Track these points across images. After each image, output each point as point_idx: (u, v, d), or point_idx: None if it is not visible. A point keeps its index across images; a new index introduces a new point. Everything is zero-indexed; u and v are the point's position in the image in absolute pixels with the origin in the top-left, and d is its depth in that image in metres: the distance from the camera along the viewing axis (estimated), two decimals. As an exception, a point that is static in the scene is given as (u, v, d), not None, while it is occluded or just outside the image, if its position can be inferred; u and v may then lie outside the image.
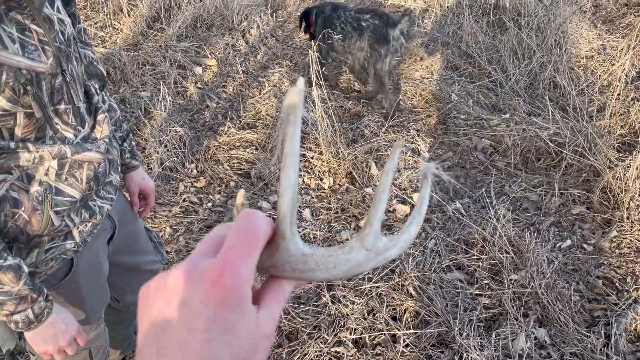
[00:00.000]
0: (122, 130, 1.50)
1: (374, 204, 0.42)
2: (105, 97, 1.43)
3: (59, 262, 1.25)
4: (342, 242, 2.61)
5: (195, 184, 2.98)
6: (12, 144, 1.08)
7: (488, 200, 2.76)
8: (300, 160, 3.09)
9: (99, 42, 4.19)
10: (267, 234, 0.40)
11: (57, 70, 1.11)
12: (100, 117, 1.28)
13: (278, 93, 3.69)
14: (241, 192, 0.45)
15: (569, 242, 2.61)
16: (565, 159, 2.99)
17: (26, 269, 1.11)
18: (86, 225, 1.26)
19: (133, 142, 1.56)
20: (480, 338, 2.13)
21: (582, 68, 3.92)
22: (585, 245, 2.60)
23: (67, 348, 1.22)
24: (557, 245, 2.59)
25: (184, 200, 2.86)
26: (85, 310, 1.39)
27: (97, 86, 1.37)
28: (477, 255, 2.47)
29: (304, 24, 3.80)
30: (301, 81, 0.40)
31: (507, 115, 3.46)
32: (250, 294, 0.37)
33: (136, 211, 1.61)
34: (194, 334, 0.35)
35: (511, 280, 2.35)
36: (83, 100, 1.24)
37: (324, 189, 2.94)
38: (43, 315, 1.15)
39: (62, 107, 1.14)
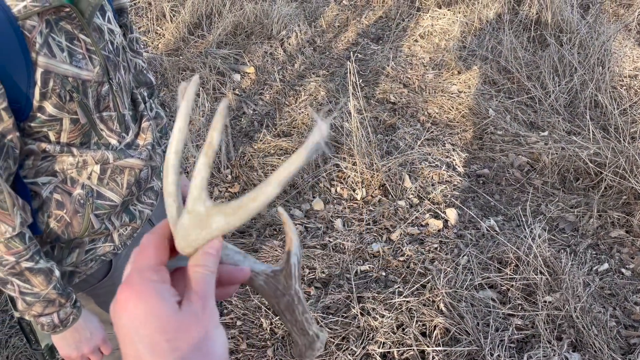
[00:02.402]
0: (168, 137, 1.53)
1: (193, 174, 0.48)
2: (153, 105, 1.46)
3: (99, 263, 1.28)
4: (372, 254, 2.61)
5: (229, 189, 3.02)
6: (58, 148, 1.12)
7: (523, 219, 2.71)
8: (334, 171, 3.10)
9: (142, 46, 4.30)
10: (158, 237, 0.48)
11: (104, 79, 1.14)
12: (144, 124, 1.31)
13: (314, 102, 3.71)
14: (194, 79, 0.49)
15: (606, 265, 2.55)
16: (605, 180, 2.92)
17: (58, 273, 1.14)
18: (126, 229, 1.29)
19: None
20: (512, 359, 2.09)
21: (625, 87, 3.83)
22: (623, 270, 2.53)
23: (90, 355, 1.24)
24: (594, 268, 2.53)
25: (217, 205, 2.90)
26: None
27: (145, 94, 1.41)
28: (510, 275, 2.43)
29: None
30: (196, 78, 0.48)
31: (546, 133, 3.40)
32: (158, 285, 0.45)
33: None
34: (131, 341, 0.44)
35: (545, 302, 2.30)
36: (129, 107, 1.27)
37: (357, 199, 2.94)
38: (68, 320, 1.17)
39: (107, 114, 1.18)
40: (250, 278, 0.54)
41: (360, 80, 3.30)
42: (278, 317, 2.29)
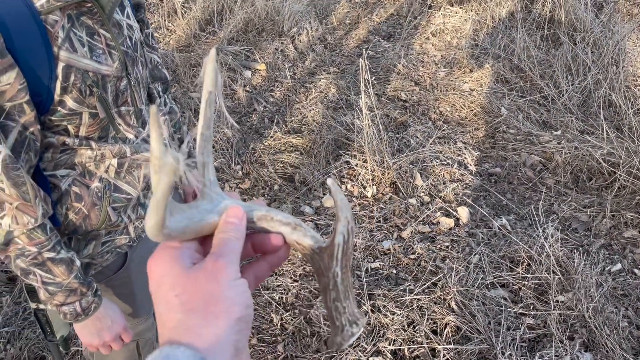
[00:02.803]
0: (182, 132, 1.54)
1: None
2: (167, 100, 1.47)
3: (114, 255, 1.29)
4: (383, 252, 2.60)
5: (240, 185, 3.02)
6: (77, 141, 1.13)
7: (536, 218, 2.69)
8: (344, 168, 3.09)
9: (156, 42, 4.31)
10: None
11: (123, 74, 1.15)
12: (160, 119, 1.32)
13: (324, 99, 3.71)
14: (212, 53, 0.51)
15: (619, 265, 2.52)
16: (619, 180, 2.89)
17: (78, 263, 1.15)
18: (141, 222, 1.30)
19: (191, 144, 1.59)
20: (524, 358, 2.08)
21: (639, 87, 3.79)
22: (636, 270, 2.51)
23: (111, 343, 1.25)
24: (607, 268, 2.51)
25: (228, 201, 2.90)
26: (135, 303, 1.43)
27: (160, 89, 1.42)
28: (522, 274, 2.41)
29: None
30: (213, 52, 0.49)
31: (559, 132, 3.38)
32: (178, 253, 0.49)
33: None
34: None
35: (557, 301, 2.28)
36: (145, 102, 1.28)
37: (367, 197, 2.93)
38: (90, 309, 1.18)
39: (125, 108, 1.19)
40: (298, 249, 0.53)
41: (373, 78, 3.29)
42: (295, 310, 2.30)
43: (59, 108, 1.06)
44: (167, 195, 0.43)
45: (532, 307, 2.29)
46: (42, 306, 1.24)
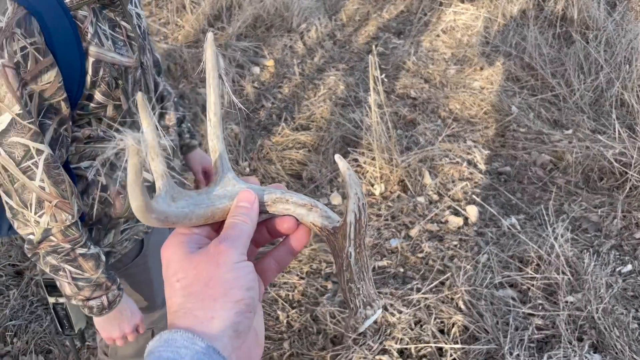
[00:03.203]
0: (179, 112, 1.55)
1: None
2: (162, 82, 1.48)
3: (132, 242, 1.31)
4: (391, 250, 2.58)
5: (247, 182, 3.01)
6: (101, 133, 1.15)
7: (546, 218, 2.66)
8: (352, 165, 3.07)
9: (162, 37, 4.31)
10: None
11: (138, 63, 1.16)
12: (167, 104, 1.35)
13: (333, 96, 3.69)
14: (209, 36, 0.51)
15: (629, 267, 2.49)
16: (631, 180, 2.86)
17: (104, 258, 1.17)
18: None
19: (189, 124, 1.60)
20: (532, 359, 2.06)
21: (652, 86, 3.74)
22: (647, 272, 2.47)
23: (129, 335, 1.27)
24: (617, 269, 2.48)
25: (235, 197, 2.89)
26: (152, 291, 1.43)
27: (154, 72, 1.43)
28: (531, 274, 2.39)
29: None
30: (210, 35, 0.50)
31: (570, 131, 3.34)
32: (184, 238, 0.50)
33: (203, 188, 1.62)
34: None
35: (566, 302, 2.26)
36: (153, 89, 1.29)
37: (375, 195, 2.92)
38: (115, 302, 1.20)
39: None
40: (315, 231, 0.52)
41: (382, 75, 3.27)
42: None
43: (88, 102, 1.08)
44: (137, 177, 0.43)
45: (540, 307, 2.26)
46: (61, 300, 1.26)
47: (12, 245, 2.54)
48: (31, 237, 1.07)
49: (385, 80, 3.85)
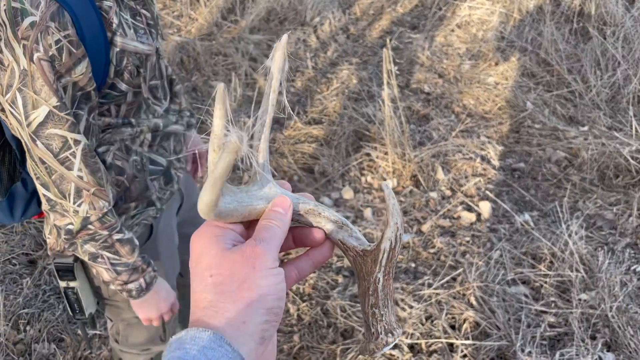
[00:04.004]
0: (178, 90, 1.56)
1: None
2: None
3: (142, 227, 1.32)
4: (402, 245, 2.57)
5: (259, 175, 3.01)
6: (120, 121, 1.16)
7: (560, 215, 2.63)
8: (365, 160, 3.06)
9: (175, 30, 4.31)
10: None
11: (154, 50, 1.16)
12: (177, 87, 1.36)
13: (346, 90, 3.67)
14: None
15: (645, 265, 2.46)
16: (647, 177, 2.82)
17: (137, 242, 1.18)
18: (165, 193, 1.32)
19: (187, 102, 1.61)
20: (544, 356, 2.04)
21: (670, 83, 3.68)
22: (663, 271, 2.44)
23: (166, 315, 1.30)
24: (632, 267, 2.45)
25: (247, 190, 2.89)
26: (163, 276, 1.44)
27: None
28: (544, 271, 2.36)
29: None
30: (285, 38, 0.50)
31: (586, 128, 3.30)
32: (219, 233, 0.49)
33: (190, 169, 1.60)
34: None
35: (580, 300, 2.23)
36: (165, 74, 1.30)
37: (387, 189, 2.90)
38: (152, 284, 1.23)
39: (153, 82, 1.21)
40: (342, 249, 0.53)
41: (396, 69, 3.24)
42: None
43: (110, 91, 1.09)
44: (226, 174, 0.43)
45: (553, 304, 2.24)
46: (72, 284, 1.27)
47: (25, 235, 2.57)
48: (70, 227, 1.08)
49: (399, 74, 3.82)
